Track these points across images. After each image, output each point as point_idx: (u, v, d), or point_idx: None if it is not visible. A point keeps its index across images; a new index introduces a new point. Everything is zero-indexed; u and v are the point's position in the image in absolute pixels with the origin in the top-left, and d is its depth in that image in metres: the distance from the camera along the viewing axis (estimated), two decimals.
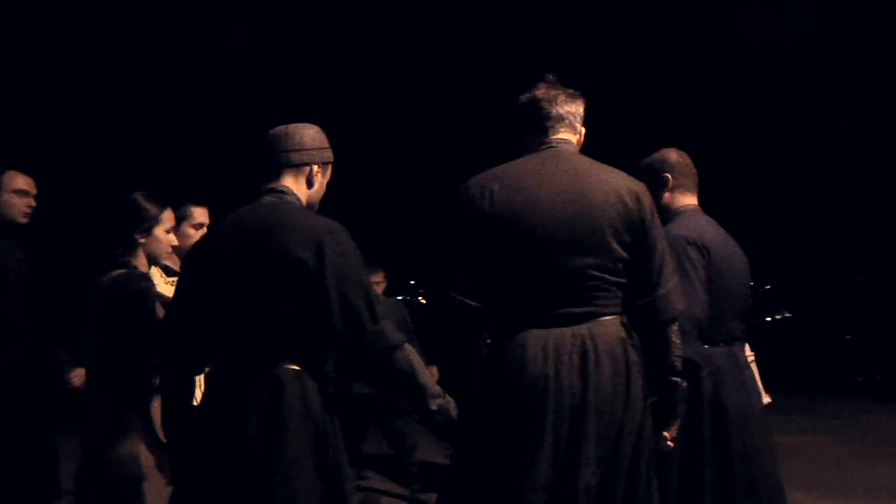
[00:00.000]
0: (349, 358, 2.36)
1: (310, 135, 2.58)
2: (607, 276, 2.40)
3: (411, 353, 2.37)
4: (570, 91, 2.62)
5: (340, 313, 2.31)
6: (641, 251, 2.46)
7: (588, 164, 2.51)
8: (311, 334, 2.35)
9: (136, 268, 3.04)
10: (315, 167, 2.58)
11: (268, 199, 2.51)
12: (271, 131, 2.58)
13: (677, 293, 2.55)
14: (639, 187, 2.51)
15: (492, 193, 2.41)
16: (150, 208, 3.11)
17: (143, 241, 3.09)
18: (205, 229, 3.56)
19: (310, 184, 2.58)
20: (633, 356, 2.40)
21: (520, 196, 2.40)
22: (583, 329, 2.36)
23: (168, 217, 3.20)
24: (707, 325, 3.08)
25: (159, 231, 3.15)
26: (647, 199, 2.49)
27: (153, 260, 3.18)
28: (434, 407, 2.38)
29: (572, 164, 2.49)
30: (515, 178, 2.45)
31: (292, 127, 2.58)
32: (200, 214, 3.63)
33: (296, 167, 2.55)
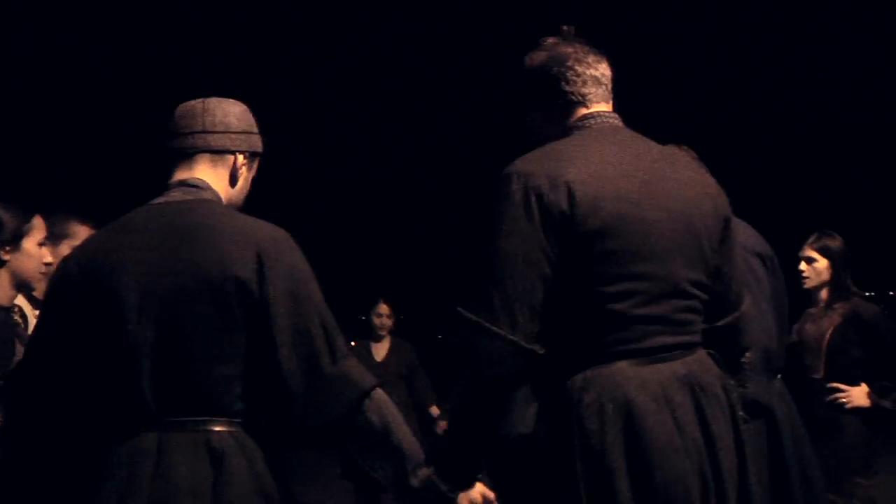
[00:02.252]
0: (301, 410, 1.76)
1: (235, 113, 1.95)
2: (700, 295, 1.89)
3: (385, 403, 1.81)
4: (595, 48, 2.02)
5: (291, 349, 1.74)
6: (726, 258, 1.97)
7: (651, 144, 1.97)
8: (251, 381, 1.78)
9: None
10: (240, 157, 1.94)
11: (176, 194, 1.87)
12: (182, 106, 1.95)
13: (751, 313, 2.11)
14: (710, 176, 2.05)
15: (569, 187, 1.77)
16: (14, 214, 2.37)
17: (7, 257, 2.35)
18: None
19: (233, 179, 1.95)
20: (735, 401, 1.92)
21: (606, 191, 1.80)
22: (682, 367, 1.83)
23: (39, 225, 2.43)
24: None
25: (30, 244, 2.38)
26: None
27: (22, 285, 2.43)
28: (416, 482, 1.77)
29: (642, 147, 1.94)
30: (589, 165, 1.82)
31: (212, 101, 1.94)
32: (86, 233, 2.72)
33: (215, 154, 1.92)
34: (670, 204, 1.85)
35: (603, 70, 1.99)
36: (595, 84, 1.97)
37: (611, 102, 2.01)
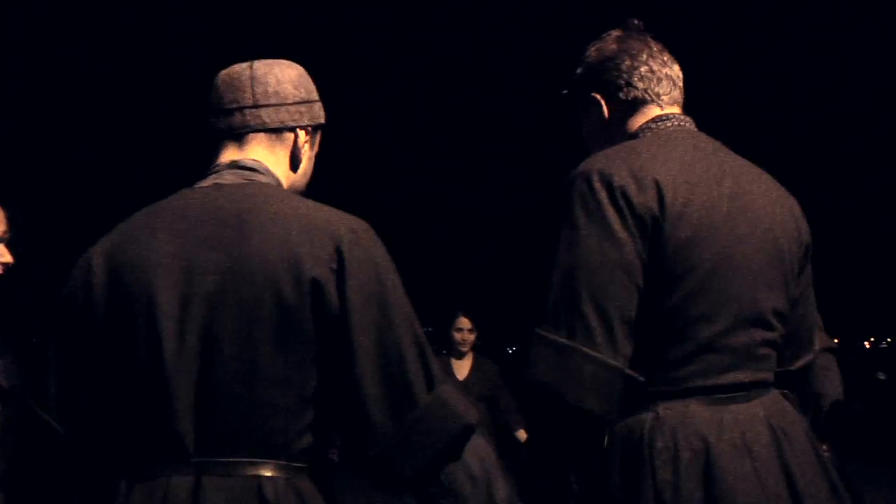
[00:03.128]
0: (386, 450, 1.38)
1: (291, 79, 1.60)
2: (780, 328, 1.68)
3: (486, 447, 1.56)
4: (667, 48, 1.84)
5: (375, 371, 1.37)
6: (804, 292, 1.78)
7: (734, 154, 1.76)
8: (321, 412, 1.41)
9: None
10: (302, 134, 1.61)
11: (228, 177, 1.53)
12: (225, 75, 1.60)
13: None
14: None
15: (658, 188, 1.55)
16: None
17: None
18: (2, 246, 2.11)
19: (294, 161, 1.61)
20: (823, 452, 1.69)
21: (695, 195, 1.58)
22: (761, 408, 1.60)
23: None
24: None
25: None
26: None
27: None
28: None
29: (725, 155, 1.73)
30: (675, 166, 1.60)
31: (261, 66, 1.59)
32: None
33: (272, 133, 1.58)
34: (757, 220, 1.65)
35: (677, 71, 1.82)
36: (670, 84, 1.79)
37: (681, 107, 1.83)
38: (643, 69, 1.76)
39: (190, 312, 1.39)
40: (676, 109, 1.80)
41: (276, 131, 1.58)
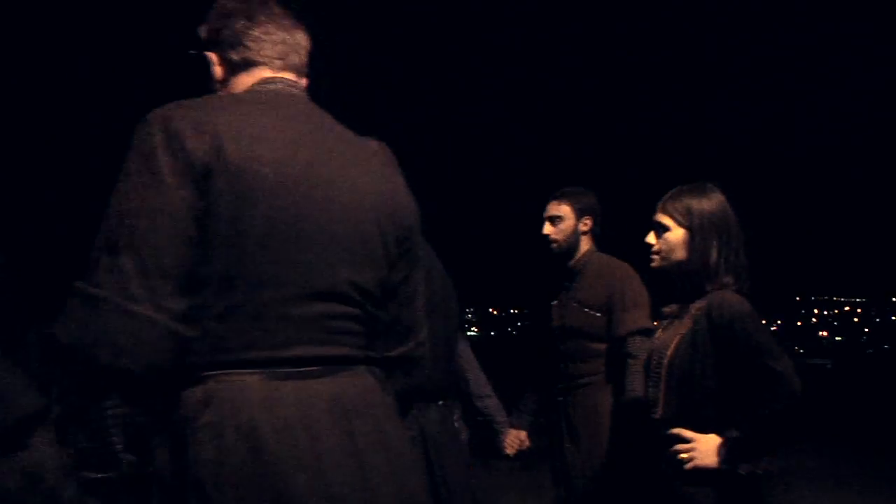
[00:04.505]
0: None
1: None
2: (366, 305, 1.61)
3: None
4: (294, 13, 1.78)
5: None
6: (406, 278, 1.72)
7: (343, 130, 1.70)
8: None
9: None
10: None
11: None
12: None
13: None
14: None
15: (218, 137, 1.45)
16: None
17: None
18: None
19: None
20: (402, 430, 1.64)
21: (262, 154, 1.49)
22: (332, 386, 1.51)
23: None
24: None
25: None
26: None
27: None
28: None
29: (328, 128, 1.66)
30: (245, 121, 1.52)
31: None
32: None
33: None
34: (342, 195, 1.57)
35: (300, 39, 1.75)
36: (287, 48, 1.72)
37: (303, 76, 1.76)
38: (257, 31, 1.69)
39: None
40: (290, 75, 1.71)
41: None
